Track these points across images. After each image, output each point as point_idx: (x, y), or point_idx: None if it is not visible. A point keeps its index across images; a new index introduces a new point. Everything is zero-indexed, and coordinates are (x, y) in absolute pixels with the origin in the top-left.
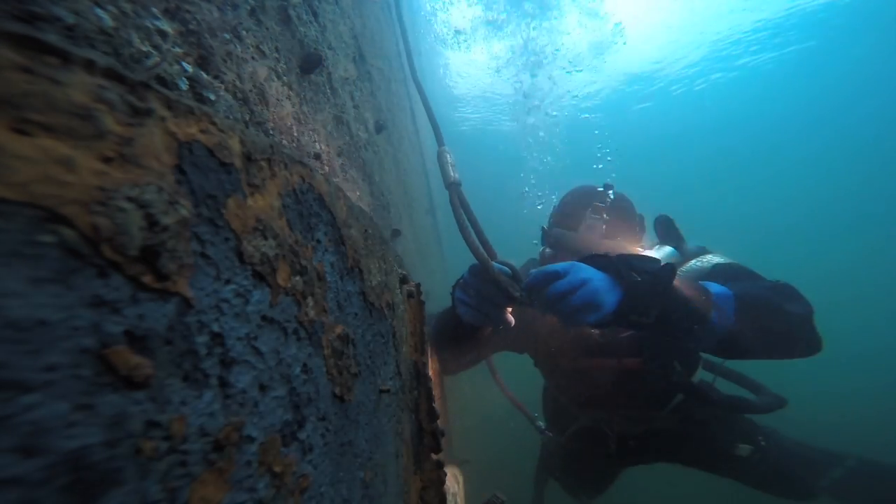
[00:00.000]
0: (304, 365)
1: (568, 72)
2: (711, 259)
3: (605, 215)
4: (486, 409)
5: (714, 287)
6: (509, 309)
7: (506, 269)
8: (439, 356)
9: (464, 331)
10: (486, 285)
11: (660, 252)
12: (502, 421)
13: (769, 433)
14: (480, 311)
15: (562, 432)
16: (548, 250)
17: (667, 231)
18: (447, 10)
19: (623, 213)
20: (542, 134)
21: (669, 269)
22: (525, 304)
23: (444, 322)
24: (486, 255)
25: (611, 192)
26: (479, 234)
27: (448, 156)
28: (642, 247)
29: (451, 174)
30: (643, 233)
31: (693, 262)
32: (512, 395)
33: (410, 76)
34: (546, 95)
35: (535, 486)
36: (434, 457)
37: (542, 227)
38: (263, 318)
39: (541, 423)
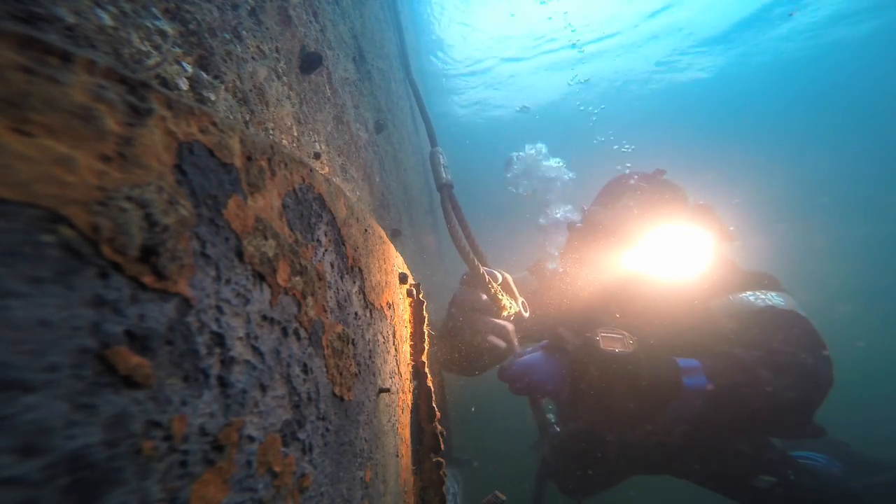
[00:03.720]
0: (304, 365)
1: None
2: (768, 299)
3: (645, 195)
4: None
5: (682, 361)
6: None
7: (497, 275)
8: (459, 366)
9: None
10: (478, 298)
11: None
12: (497, 418)
13: (809, 467)
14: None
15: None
16: (578, 224)
17: (703, 220)
18: None
19: (670, 198)
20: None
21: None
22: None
23: (452, 339)
24: (478, 264)
25: (661, 176)
26: (469, 239)
27: (441, 157)
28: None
29: (444, 175)
30: (696, 223)
31: (747, 294)
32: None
33: (406, 75)
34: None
35: (536, 486)
36: (434, 457)
37: (583, 207)
38: (263, 317)
39: (550, 416)
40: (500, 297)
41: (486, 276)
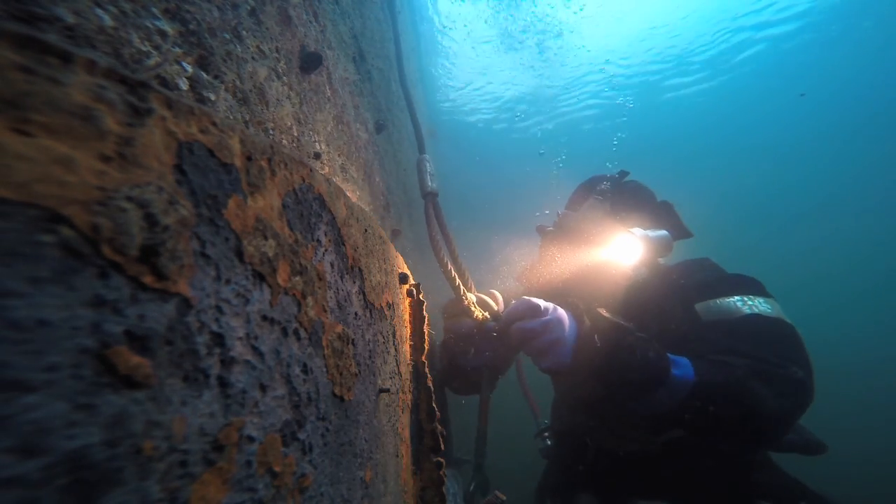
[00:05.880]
0: (304, 365)
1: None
2: (755, 305)
3: (607, 197)
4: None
5: (672, 355)
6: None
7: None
8: (460, 387)
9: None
10: (467, 323)
11: (653, 234)
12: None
13: (826, 498)
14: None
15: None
16: (549, 228)
17: (664, 217)
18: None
19: (632, 197)
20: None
21: (626, 336)
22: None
23: (450, 367)
24: (455, 276)
25: (624, 178)
26: (450, 248)
27: (427, 164)
28: (642, 226)
29: (429, 184)
30: (659, 220)
31: (734, 299)
32: (528, 391)
33: (399, 79)
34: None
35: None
36: (434, 457)
37: (558, 212)
38: (263, 317)
39: (545, 422)
40: (473, 309)
41: (462, 290)
